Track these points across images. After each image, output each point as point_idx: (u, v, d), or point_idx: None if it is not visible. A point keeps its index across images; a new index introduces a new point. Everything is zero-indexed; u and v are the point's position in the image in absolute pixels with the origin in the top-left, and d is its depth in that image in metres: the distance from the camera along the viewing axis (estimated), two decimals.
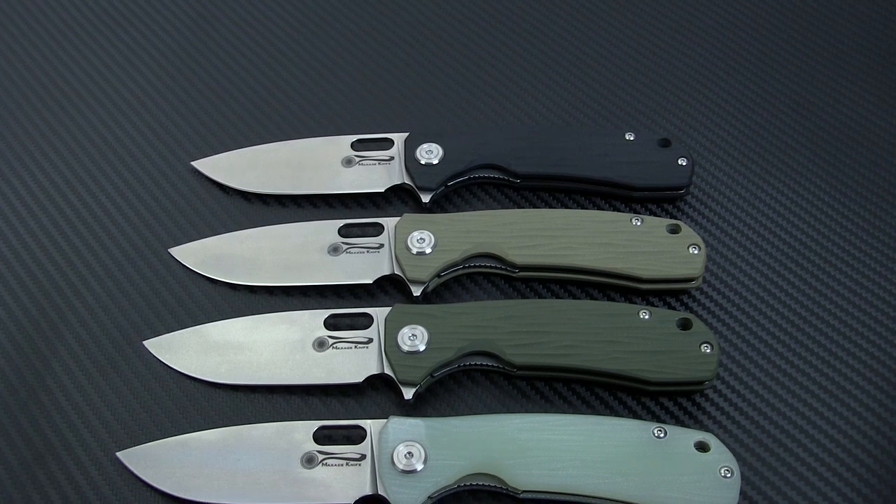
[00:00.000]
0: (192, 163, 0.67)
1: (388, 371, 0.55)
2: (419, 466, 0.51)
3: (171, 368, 0.58)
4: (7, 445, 0.55)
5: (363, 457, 0.52)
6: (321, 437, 0.54)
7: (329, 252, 0.61)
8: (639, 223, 0.60)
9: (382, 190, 0.64)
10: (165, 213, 0.65)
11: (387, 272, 0.60)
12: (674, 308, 0.59)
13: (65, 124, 0.70)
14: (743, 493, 0.52)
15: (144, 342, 0.59)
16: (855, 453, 0.54)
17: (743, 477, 0.53)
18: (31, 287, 0.61)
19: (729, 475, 0.51)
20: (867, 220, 0.64)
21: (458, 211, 0.64)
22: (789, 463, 0.54)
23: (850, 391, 0.57)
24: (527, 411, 0.56)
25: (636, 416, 0.55)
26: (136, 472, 0.54)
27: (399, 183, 0.64)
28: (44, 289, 0.61)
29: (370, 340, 0.56)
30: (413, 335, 0.55)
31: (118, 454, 0.54)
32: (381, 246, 0.60)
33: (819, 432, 0.55)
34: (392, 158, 0.65)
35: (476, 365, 0.57)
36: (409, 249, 0.59)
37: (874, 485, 0.53)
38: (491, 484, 0.52)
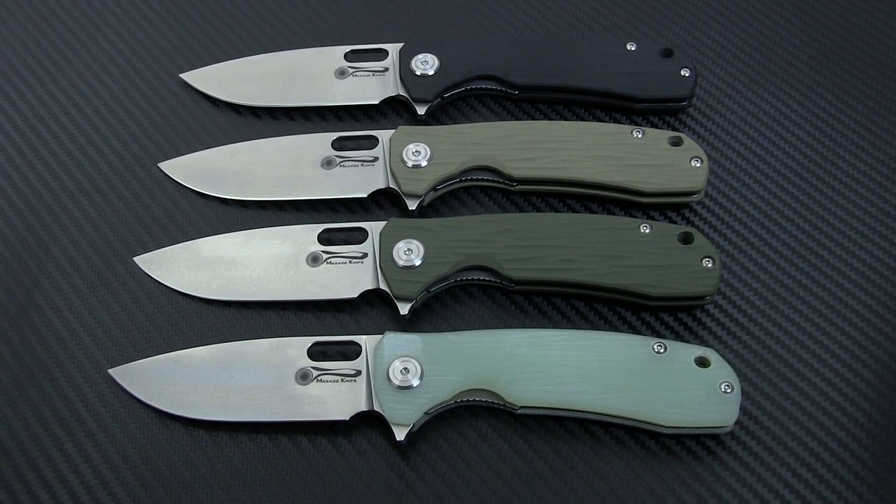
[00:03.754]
0: (181, 75, 0.66)
1: (383, 286, 0.55)
2: (415, 382, 0.51)
3: (163, 284, 0.57)
4: None
5: (358, 373, 0.52)
6: (316, 353, 0.53)
7: (322, 165, 0.60)
8: (640, 135, 0.59)
9: (377, 102, 0.63)
10: (154, 126, 0.64)
11: (381, 186, 0.59)
12: (675, 222, 0.59)
13: (49, 37, 0.68)
14: (743, 409, 0.52)
15: (135, 258, 0.58)
16: (856, 368, 0.54)
17: (743, 392, 0.53)
18: (19, 204, 0.60)
19: (729, 390, 0.50)
20: (874, 133, 0.63)
21: (454, 123, 0.63)
22: (790, 378, 0.54)
23: (851, 306, 0.56)
24: (525, 327, 0.55)
25: (636, 332, 0.55)
26: (128, 388, 0.53)
27: (394, 95, 0.63)
28: (31, 205, 0.60)
29: (365, 255, 0.56)
30: (409, 250, 0.55)
31: (110, 371, 0.54)
32: (376, 159, 0.60)
33: (820, 347, 0.55)
34: (386, 69, 0.64)
35: (473, 280, 0.56)
36: (404, 162, 0.58)
37: (874, 399, 0.53)
38: (488, 400, 0.52)
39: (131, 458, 0.52)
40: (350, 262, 0.56)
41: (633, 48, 0.63)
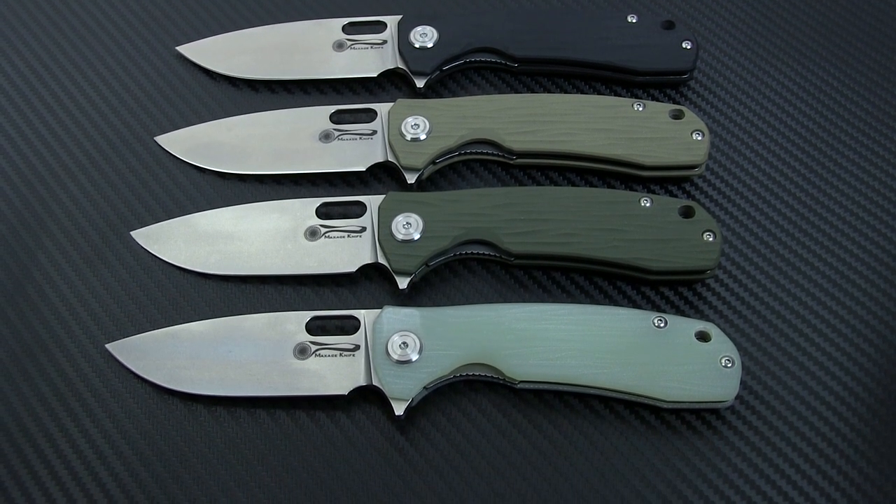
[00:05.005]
0: (177, 48, 0.65)
1: (381, 260, 0.54)
2: (414, 356, 0.51)
3: (160, 259, 0.57)
4: None
5: (357, 347, 0.52)
6: (314, 327, 0.53)
7: (320, 139, 0.59)
8: (641, 108, 0.58)
9: (375, 75, 0.63)
10: (150, 100, 0.63)
11: (380, 159, 0.59)
12: (675, 196, 0.58)
13: (44, 11, 0.68)
14: (743, 383, 0.52)
15: (132, 233, 0.58)
16: (856, 342, 0.54)
17: (744, 367, 0.52)
18: (15, 179, 0.60)
19: (730, 365, 0.50)
20: (876, 106, 0.62)
21: (453, 96, 0.63)
22: (790, 353, 0.54)
23: (853, 280, 0.56)
24: (524, 301, 0.55)
25: (636, 306, 0.55)
26: (126, 363, 0.53)
27: (392, 67, 0.63)
28: (28, 181, 0.60)
29: (363, 229, 0.56)
30: (407, 223, 0.54)
31: (108, 346, 0.54)
32: (375, 132, 0.59)
33: (821, 322, 0.54)
34: (385, 42, 0.63)
35: (472, 254, 0.56)
36: (403, 136, 0.58)
37: (874, 373, 0.53)
38: (487, 374, 0.51)
39: (129, 434, 0.52)
40: (348, 236, 0.56)
41: (634, 20, 0.62)
